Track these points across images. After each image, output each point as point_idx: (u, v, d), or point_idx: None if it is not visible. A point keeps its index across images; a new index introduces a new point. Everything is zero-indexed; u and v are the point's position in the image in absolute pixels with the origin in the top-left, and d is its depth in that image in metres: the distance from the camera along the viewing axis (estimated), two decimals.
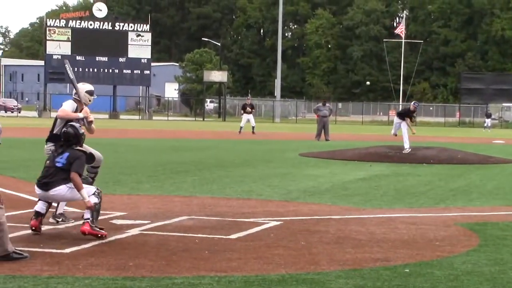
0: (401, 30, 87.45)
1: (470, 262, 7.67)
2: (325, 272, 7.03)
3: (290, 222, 10.13)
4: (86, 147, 9.28)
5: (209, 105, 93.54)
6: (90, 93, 9.95)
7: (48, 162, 8.75)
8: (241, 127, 40.16)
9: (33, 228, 8.67)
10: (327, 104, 36.44)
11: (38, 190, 8.73)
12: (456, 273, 7.12)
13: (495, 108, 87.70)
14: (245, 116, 40.04)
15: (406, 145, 23.33)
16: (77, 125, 8.95)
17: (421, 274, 7.03)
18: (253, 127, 39.79)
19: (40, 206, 8.78)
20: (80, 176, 8.64)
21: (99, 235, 8.41)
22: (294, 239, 8.79)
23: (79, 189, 8.50)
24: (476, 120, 79.89)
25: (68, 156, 8.61)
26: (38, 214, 8.74)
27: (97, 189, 8.74)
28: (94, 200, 8.52)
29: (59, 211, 9.64)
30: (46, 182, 8.61)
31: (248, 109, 40.06)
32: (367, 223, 10.20)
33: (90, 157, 9.44)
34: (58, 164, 8.59)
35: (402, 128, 23.64)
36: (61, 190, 8.56)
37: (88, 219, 8.41)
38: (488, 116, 66.01)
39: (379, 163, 20.90)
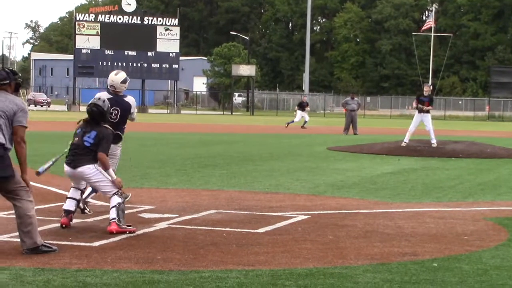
0: (428, 26, 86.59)
1: (499, 256, 7.63)
2: (352, 266, 7.02)
3: (318, 216, 10.11)
4: None
5: (237, 99, 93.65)
6: (124, 81, 9.98)
7: (76, 139, 8.67)
8: (292, 121, 40.71)
9: (63, 225, 8.73)
10: (355, 98, 36.32)
11: (66, 167, 8.70)
12: (485, 268, 7.08)
13: None
14: (300, 113, 40.45)
15: (433, 140, 23.14)
16: (101, 102, 8.76)
17: (449, 269, 7.00)
18: (305, 122, 40.12)
19: (69, 204, 8.83)
20: (107, 155, 8.66)
21: (128, 232, 8.43)
22: (322, 233, 8.78)
23: (106, 168, 8.51)
24: (506, 114, 79.17)
25: (96, 135, 8.56)
26: (67, 212, 8.80)
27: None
28: (117, 200, 8.49)
29: (87, 197, 9.66)
30: (74, 159, 8.59)
31: (306, 107, 40.54)
32: (395, 217, 10.16)
33: (117, 136, 9.45)
34: (86, 143, 8.55)
35: (425, 123, 23.19)
36: (89, 168, 8.50)
37: (114, 218, 8.39)
38: None
39: (407, 157, 20.79)
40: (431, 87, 25.03)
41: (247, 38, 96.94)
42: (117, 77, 9.92)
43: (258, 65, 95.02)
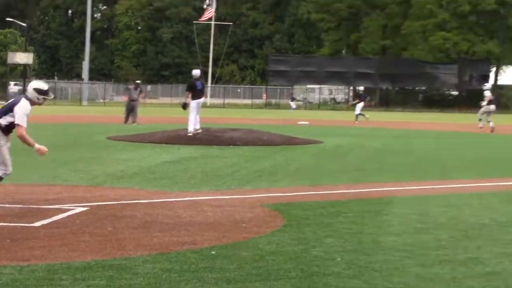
0: (208, 14, 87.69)
1: (275, 242, 7.90)
2: (132, 257, 6.99)
3: (97, 207, 9.99)
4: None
5: (13, 88, 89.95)
6: (39, 91, 9.41)
7: None
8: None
9: None
10: (138, 88, 36.00)
11: None
12: (262, 254, 7.29)
13: (300, 90, 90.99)
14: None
15: (191, 128, 23.29)
16: None
17: (227, 256, 7.15)
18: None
19: None
20: None
21: None
22: (101, 225, 8.68)
23: None
24: (282, 101, 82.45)
25: None
26: None
27: None
28: None
29: None
30: None
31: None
32: (174, 206, 10.25)
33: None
34: None
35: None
36: None
37: None
38: (293, 99, 68.48)
39: (187, 146, 21.04)
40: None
41: (25, 24, 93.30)
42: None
43: (35, 53, 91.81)
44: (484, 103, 35.12)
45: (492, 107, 34.56)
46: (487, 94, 35.68)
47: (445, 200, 11.34)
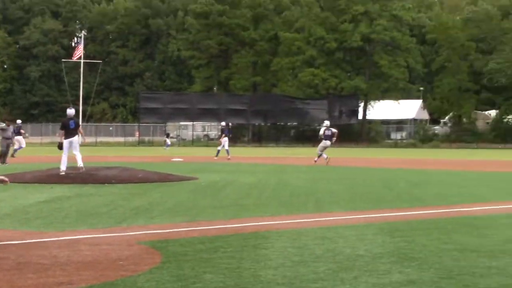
0: (78, 53, 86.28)
1: (154, 279, 7.81)
2: None
3: None
4: None
5: None
6: None
7: None
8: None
9: None
10: (11, 126, 34.96)
11: None
12: None
13: (173, 127, 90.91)
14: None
15: (63, 167, 23.07)
16: None
17: None
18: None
19: None
20: None
21: None
22: None
23: None
24: (155, 138, 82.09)
25: None
26: None
27: None
28: None
29: None
30: None
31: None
32: (49, 246, 9.97)
33: None
34: None
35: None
36: None
37: None
38: (168, 135, 68.37)
39: (60, 185, 20.58)
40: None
41: None
42: None
43: None
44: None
45: (328, 142, 35.88)
46: (322, 131, 36.86)
47: (321, 232, 11.56)
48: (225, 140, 41.26)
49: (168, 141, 66.01)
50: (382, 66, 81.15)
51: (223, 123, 44.78)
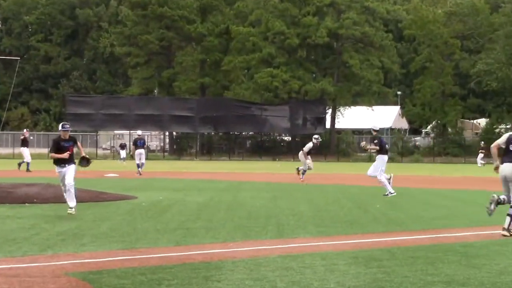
0: None
1: None
2: None
3: None
4: None
5: None
6: None
7: None
8: None
9: None
10: None
11: None
12: None
13: (106, 137, 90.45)
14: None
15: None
16: None
17: None
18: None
19: None
20: None
21: None
22: None
23: None
24: (86, 150, 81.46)
25: None
26: None
27: None
28: None
29: None
30: None
31: None
32: None
33: None
34: None
35: None
36: None
37: None
38: (122, 146, 67.82)
39: None
40: None
41: None
42: None
43: None
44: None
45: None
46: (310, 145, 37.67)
47: (283, 262, 11.54)
48: (140, 153, 40.77)
49: (123, 153, 65.53)
50: (353, 66, 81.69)
51: (139, 132, 44.39)
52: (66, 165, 18.77)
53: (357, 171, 48.74)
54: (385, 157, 27.63)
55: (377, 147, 27.41)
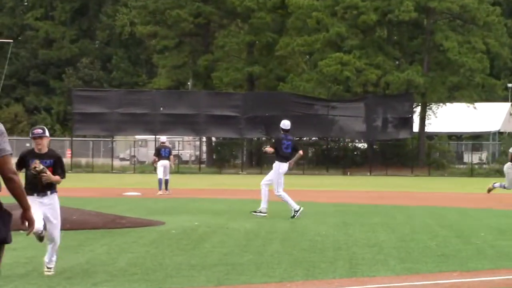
0: None
1: None
2: None
3: None
4: None
5: None
6: None
7: None
8: None
9: None
10: None
11: None
12: None
13: (125, 143, 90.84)
14: None
15: None
16: None
17: None
18: None
19: None
20: None
21: None
22: None
23: None
24: (99, 161, 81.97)
25: None
26: None
27: None
28: None
29: None
30: None
31: None
32: None
33: None
34: None
35: None
36: None
37: None
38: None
39: None
40: None
41: None
42: None
43: None
44: None
45: None
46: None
47: None
48: (164, 165, 40.71)
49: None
50: (449, 50, 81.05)
51: (163, 138, 44.63)
52: (42, 194, 15.25)
53: (454, 188, 48.57)
54: (283, 166, 27.21)
55: (272, 150, 27.09)
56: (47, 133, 15.08)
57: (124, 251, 17.77)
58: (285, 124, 27.51)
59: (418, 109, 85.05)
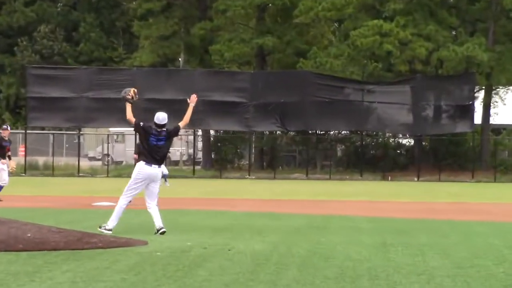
0: None
1: None
2: None
3: None
4: None
5: None
6: None
7: None
8: None
9: None
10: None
11: None
12: None
13: (96, 138, 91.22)
14: None
15: None
16: None
17: None
18: None
19: None
20: None
21: None
22: None
23: None
24: (62, 160, 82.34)
25: None
26: None
27: None
28: None
29: None
30: None
31: None
32: None
33: None
34: None
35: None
36: None
37: None
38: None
39: None
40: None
41: None
42: None
43: None
44: None
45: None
46: None
47: None
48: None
49: (165, 169, 65.84)
50: None
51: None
52: None
53: None
54: (148, 169, 27.30)
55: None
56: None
57: (94, 280, 17.81)
58: (161, 119, 27.63)
59: (481, 94, 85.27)
